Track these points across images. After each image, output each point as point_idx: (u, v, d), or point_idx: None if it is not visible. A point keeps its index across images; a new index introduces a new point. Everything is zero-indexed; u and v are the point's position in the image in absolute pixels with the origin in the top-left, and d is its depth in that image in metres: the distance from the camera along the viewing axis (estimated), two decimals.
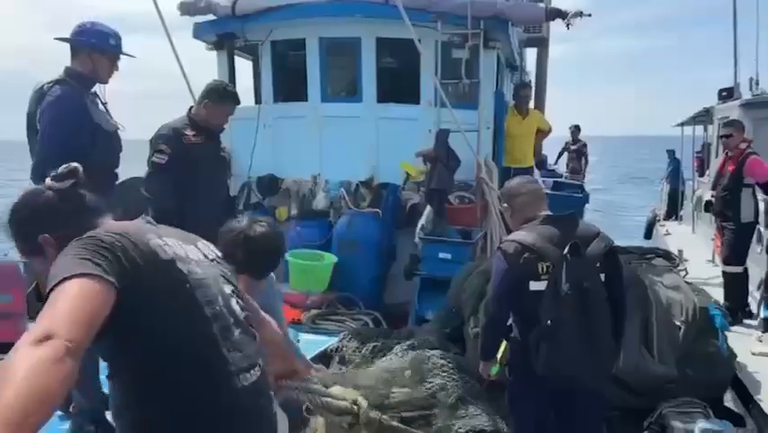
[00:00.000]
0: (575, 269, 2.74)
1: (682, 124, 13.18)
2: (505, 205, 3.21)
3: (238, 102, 4.32)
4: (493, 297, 3.01)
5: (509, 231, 3.36)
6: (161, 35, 5.61)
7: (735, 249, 6.05)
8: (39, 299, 6.13)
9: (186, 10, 6.70)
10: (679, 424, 3.61)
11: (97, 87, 3.32)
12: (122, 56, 3.36)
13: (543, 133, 7.36)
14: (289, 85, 6.99)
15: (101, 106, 3.33)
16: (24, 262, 6.18)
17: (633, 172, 45.61)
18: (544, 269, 2.79)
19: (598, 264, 2.86)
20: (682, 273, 5.27)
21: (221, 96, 4.15)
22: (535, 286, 2.80)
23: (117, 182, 3.61)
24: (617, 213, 18.38)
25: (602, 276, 2.85)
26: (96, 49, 3.22)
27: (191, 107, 4.24)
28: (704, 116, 11.25)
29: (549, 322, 2.73)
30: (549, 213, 3.00)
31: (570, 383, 2.86)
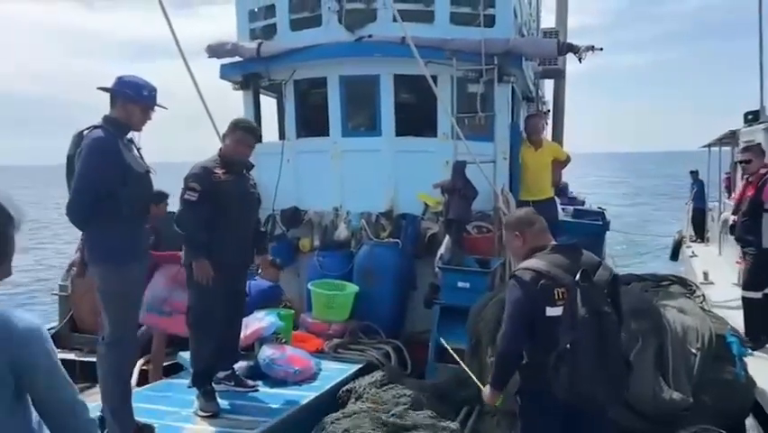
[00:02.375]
0: (589, 294, 2.85)
1: (709, 146, 13.16)
2: (517, 233, 3.20)
3: (252, 131, 4.50)
4: (510, 325, 3.00)
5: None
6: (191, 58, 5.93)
7: (755, 274, 6.03)
8: (73, 329, 6.43)
9: (213, 52, 7.03)
10: None
11: (132, 134, 3.57)
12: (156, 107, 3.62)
13: (560, 162, 7.43)
14: (311, 121, 7.23)
15: (135, 151, 3.57)
16: (62, 295, 6.48)
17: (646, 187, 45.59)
18: (560, 295, 2.86)
19: (605, 291, 2.97)
20: (699, 299, 5.28)
21: (232, 126, 4.43)
22: (552, 312, 2.87)
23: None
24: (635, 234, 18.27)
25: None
26: (129, 99, 3.47)
27: (221, 147, 4.49)
28: (730, 138, 11.25)
29: (568, 346, 2.81)
30: (555, 242, 3.13)
31: (588, 405, 2.92)
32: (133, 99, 3.47)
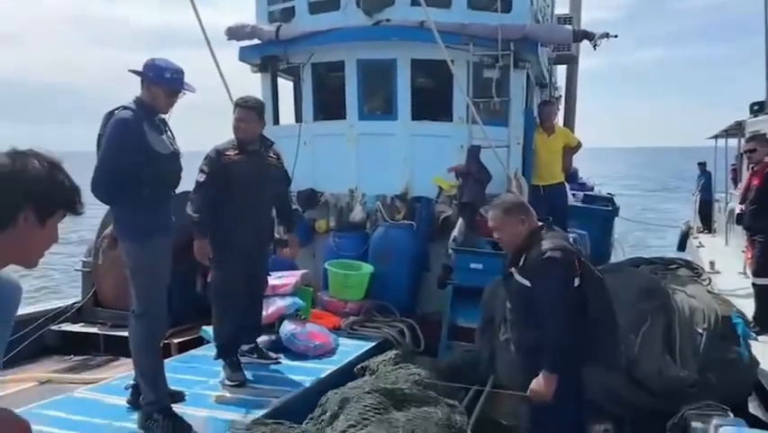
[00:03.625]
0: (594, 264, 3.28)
1: (716, 137, 13.21)
2: (522, 218, 3.26)
3: (248, 106, 4.48)
4: (563, 307, 3.02)
5: None
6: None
7: (765, 261, 6.15)
8: (96, 304, 6.62)
9: (233, 35, 7.15)
10: (699, 424, 3.80)
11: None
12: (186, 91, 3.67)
13: (571, 148, 7.54)
14: (328, 104, 7.35)
15: (166, 133, 3.65)
16: (85, 271, 6.67)
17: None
18: (578, 264, 3.13)
19: None
20: (705, 282, 5.42)
21: (236, 104, 4.53)
22: (577, 282, 3.13)
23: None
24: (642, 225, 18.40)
25: None
26: (153, 81, 3.55)
27: None
28: (736, 129, 11.31)
29: (596, 307, 3.15)
30: (540, 222, 3.30)
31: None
32: (156, 82, 3.54)
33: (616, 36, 6.43)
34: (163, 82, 3.56)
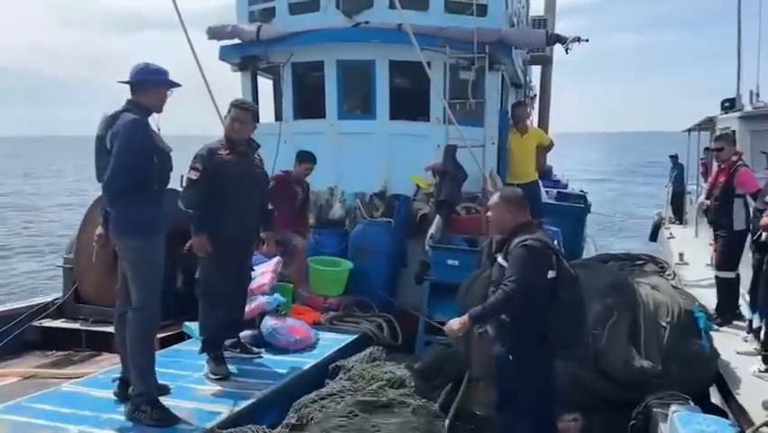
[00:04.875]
0: (566, 260, 3.51)
1: (689, 131, 13.53)
2: (511, 209, 3.58)
3: (244, 107, 4.67)
4: (523, 279, 3.29)
5: None
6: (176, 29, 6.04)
7: (727, 255, 6.38)
8: (77, 300, 6.65)
9: (214, 34, 7.23)
10: (660, 411, 4.02)
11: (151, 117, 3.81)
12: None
13: (544, 147, 7.74)
14: (308, 103, 7.47)
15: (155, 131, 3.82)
16: (66, 268, 6.69)
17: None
18: (554, 260, 3.41)
19: None
20: (670, 277, 5.66)
21: (231, 104, 4.67)
22: (551, 274, 3.40)
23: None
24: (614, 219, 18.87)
25: None
26: (161, 84, 3.74)
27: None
28: (708, 124, 11.62)
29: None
30: (535, 221, 3.63)
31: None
32: (164, 84, 3.74)
33: (587, 40, 6.66)
34: (167, 84, 3.77)
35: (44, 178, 44.65)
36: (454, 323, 3.48)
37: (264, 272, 5.55)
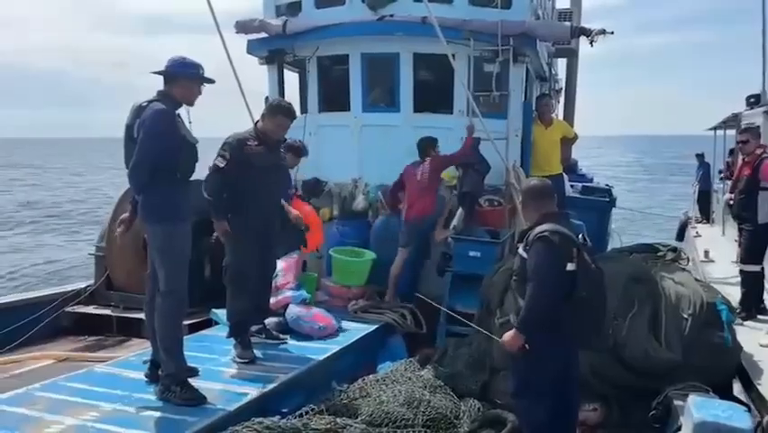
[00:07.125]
0: (589, 253, 3.47)
1: (714, 129, 13.36)
2: (540, 201, 3.62)
3: (292, 115, 4.88)
4: (548, 276, 3.34)
5: None
6: (202, 33, 6.16)
7: (752, 249, 6.32)
8: (108, 287, 6.86)
9: (241, 28, 7.35)
10: (680, 402, 4.03)
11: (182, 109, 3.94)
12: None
13: (569, 140, 7.74)
14: (333, 96, 7.56)
15: (187, 124, 3.96)
16: (98, 256, 6.90)
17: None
18: (575, 253, 3.39)
19: None
20: (692, 270, 5.62)
21: (273, 110, 4.81)
22: (570, 267, 3.37)
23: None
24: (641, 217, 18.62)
25: None
26: (194, 77, 3.86)
27: (258, 121, 4.86)
28: (733, 121, 11.47)
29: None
30: (557, 211, 3.63)
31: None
32: (197, 77, 3.85)
33: (612, 33, 6.62)
34: (201, 78, 3.89)
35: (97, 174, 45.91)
36: (508, 338, 3.49)
37: (287, 268, 5.67)
